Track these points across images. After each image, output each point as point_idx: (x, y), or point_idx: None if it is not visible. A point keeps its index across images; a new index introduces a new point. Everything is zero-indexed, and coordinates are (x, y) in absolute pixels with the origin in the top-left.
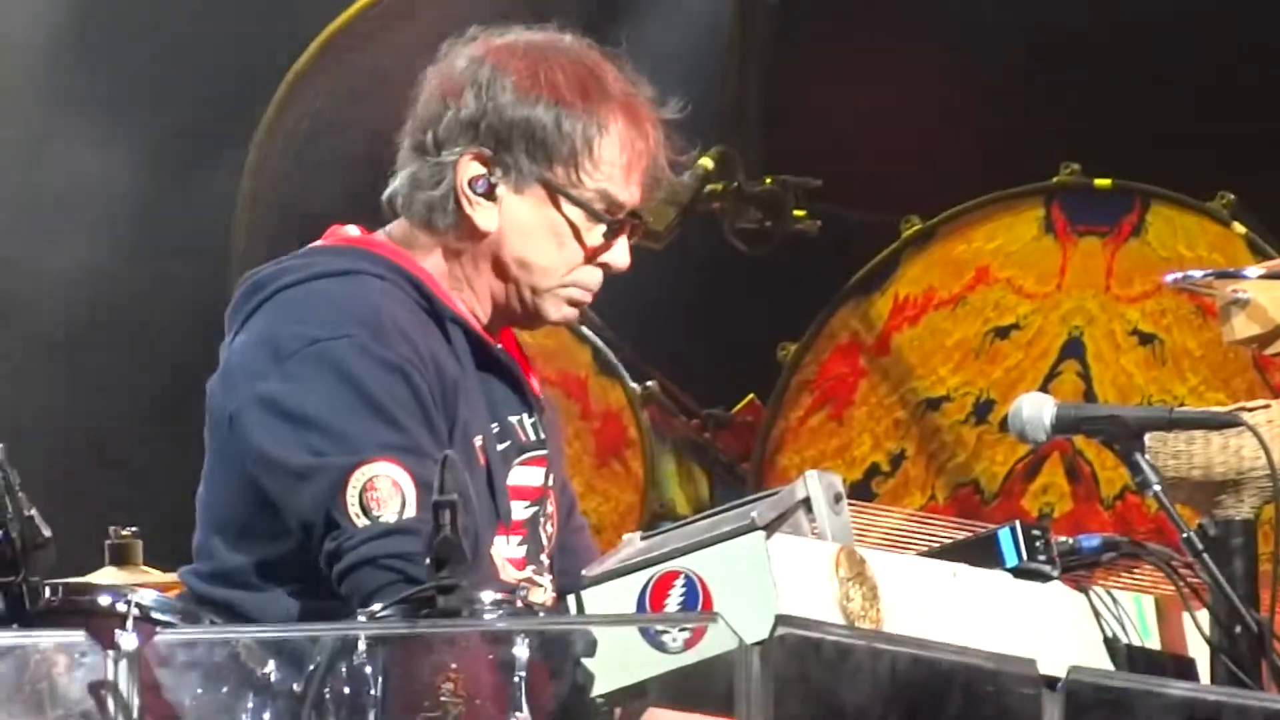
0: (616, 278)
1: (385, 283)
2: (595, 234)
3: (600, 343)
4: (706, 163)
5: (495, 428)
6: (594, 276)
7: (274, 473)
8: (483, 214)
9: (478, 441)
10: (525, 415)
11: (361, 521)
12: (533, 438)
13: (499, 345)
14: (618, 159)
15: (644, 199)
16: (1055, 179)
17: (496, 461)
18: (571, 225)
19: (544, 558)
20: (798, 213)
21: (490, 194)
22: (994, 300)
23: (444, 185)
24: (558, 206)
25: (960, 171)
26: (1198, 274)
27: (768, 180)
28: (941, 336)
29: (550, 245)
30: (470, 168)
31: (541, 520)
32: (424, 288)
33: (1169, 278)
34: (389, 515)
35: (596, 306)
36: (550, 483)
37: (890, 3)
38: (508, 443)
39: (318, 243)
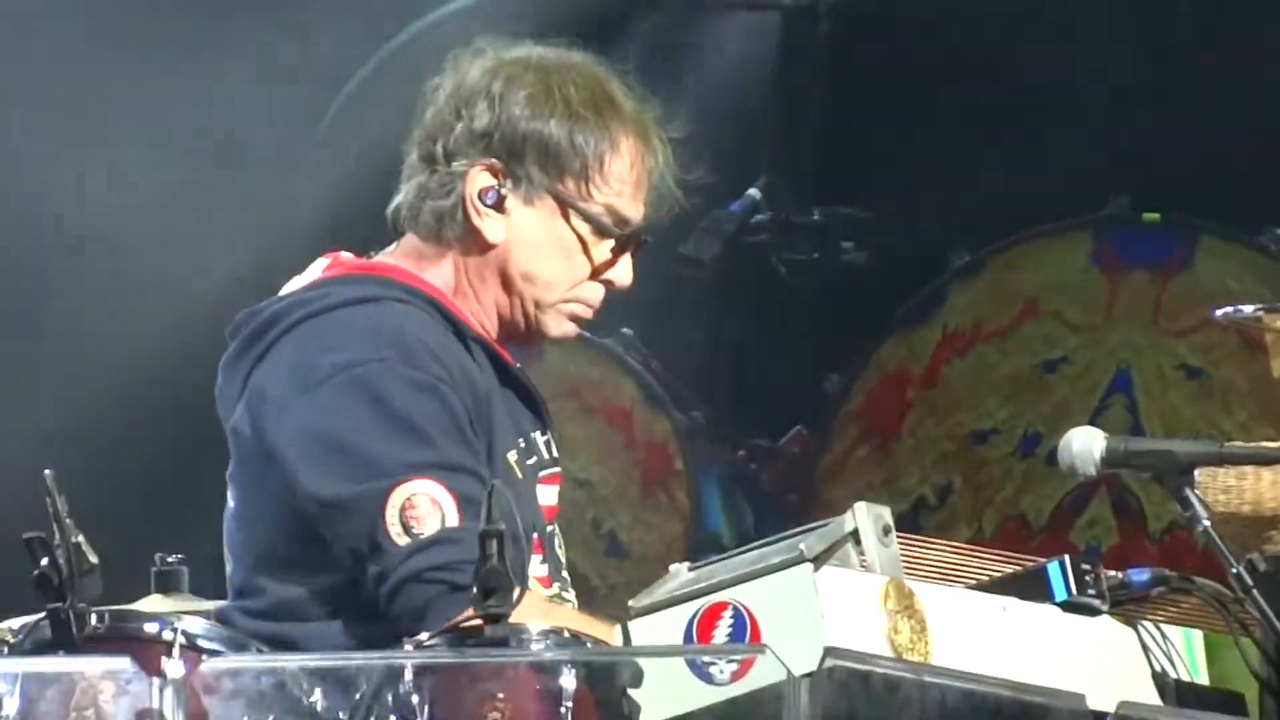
0: (666, 310)
1: (407, 305)
2: (602, 249)
3: (646, 373)
4: (755, 194)
5: (521, 443)
6: (597, 293)
7: (317, 506)
8: (491, 225)
9: (511, 457)
10: (541, 432)
11: (403, 540)
12: (549, 455)
13: (517, 364)
14: (627, 175)
15: (649, 216)
16: (1104, 212)
17: (528, 477)
18: (579, 239)
19: (564, 575)
20: (846, 244)
21: (499, 205)
22: (1042, 333)
23: (453, 195)
24: (567, 220)
25: (1009, 204)
26: (1247, 308)
27: (816, 212)
28: (989, 369)
29: (557, 259)
30: (480, 178)
31: (556, 539)
32: (443, 308)
33: (1218, 312)
34: (429, 531)
35: (642, 336)
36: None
37: (939, 37)
38: (533, 458)
39: (326, 273)
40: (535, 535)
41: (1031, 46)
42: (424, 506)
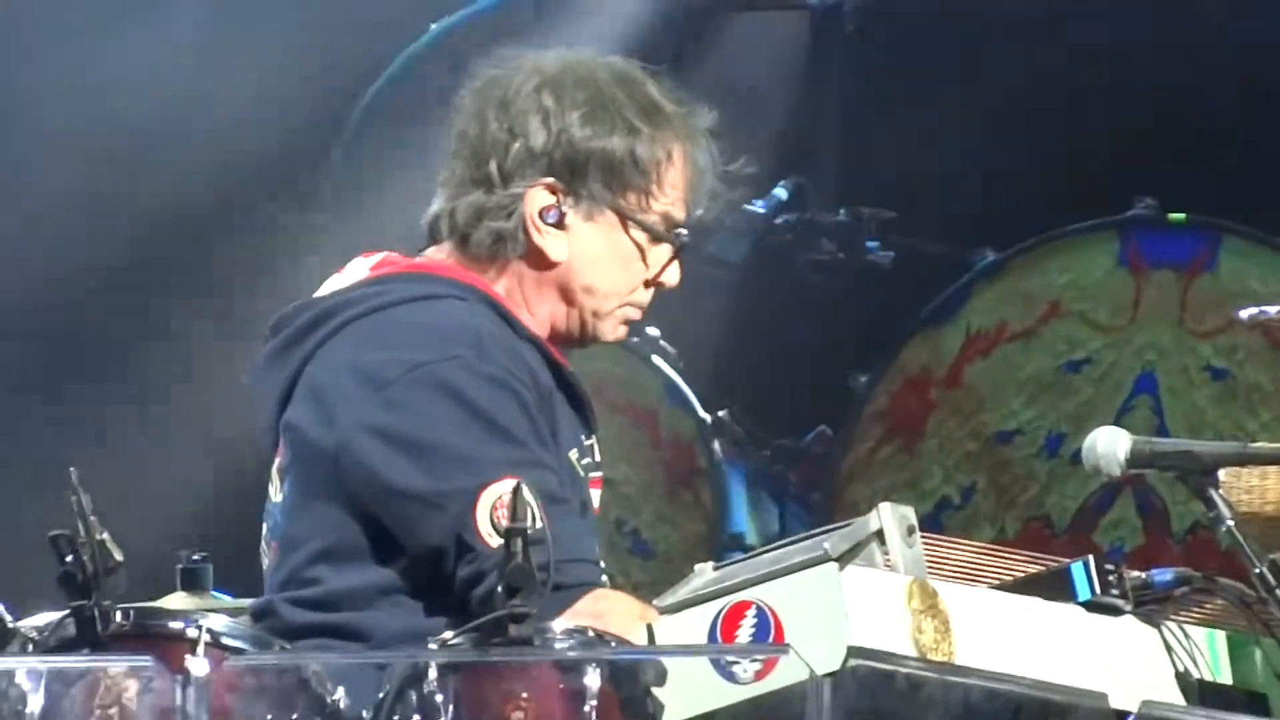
0: (691, 309)
1: (467, 303)
2: (657, 255)
3: (672, 373)
4: (780, 193)
5: (580, 443)
6: (647, 296)
7: (396, 502)
8: (553, 243)
9: (573, 455)
10: (587, 435)
11: (495, 541)
12: (598, 458)
13: (570, 367)
14: (680, 181)
15: (698, 215)
16: (1129, 213)
17: (585, 478)
18: (638, 248)
19: (604, 578)
20: (870, 244)
21: (560, 223)
22: (1066, 334)
23: (514, 217)
24: (626, 231)
25: (1034, 204)
26: (1271, 309)
27: (840, 212)
28: (1013, 369)
29: (617, 270)
30: (541, 198)
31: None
32: (501, 309)
33: (1243, 313)
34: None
35: (667, 335)
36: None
37: (965, 36)
38: (587, 459)
39: (376, 271)
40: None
41: (1057, 46)
42: (511, 506)
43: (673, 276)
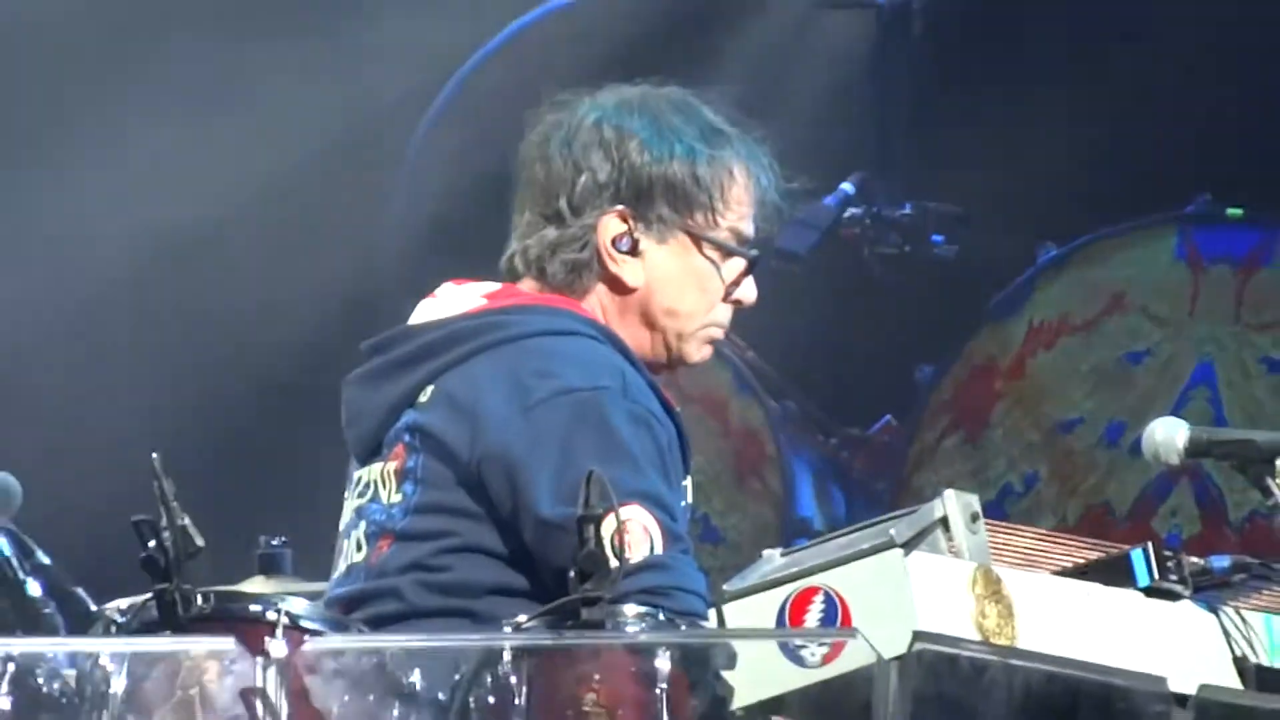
0: (761, 302)
1: (605, 345)
2: (731, 271)
3: (740, 363)
4: (847, 188)
5: (687, 483)
6: (728, 314)
7: (529, 520)
8: (629, 269)
9: (688, 488)
10: (688, 476)
11: (614, 563)
12: (690, 499)
13: (678, 408)
14: (744, 197)
15: (763, 230)
16: (1188, 208)
17: (689, 518)
18: (713, 266)
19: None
20: (935, 239)
21: (634, 250)
22: (1127, 326)
23: (588, 248)
24: (700, 250)
25: (1095, 200)
26: None
27: (907, 206)
28: (1075, 361)
29: (695, 290)
30: (613, 226)
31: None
32: (628, 351)
33: None
34: (638, 556)
35: (738, 326)
36: None
37: (1029, 35)
38: (684, 501)
39: (497, 301)
40: None
41: (1119, 44)
42: (636, 533)
43: (750, 292)
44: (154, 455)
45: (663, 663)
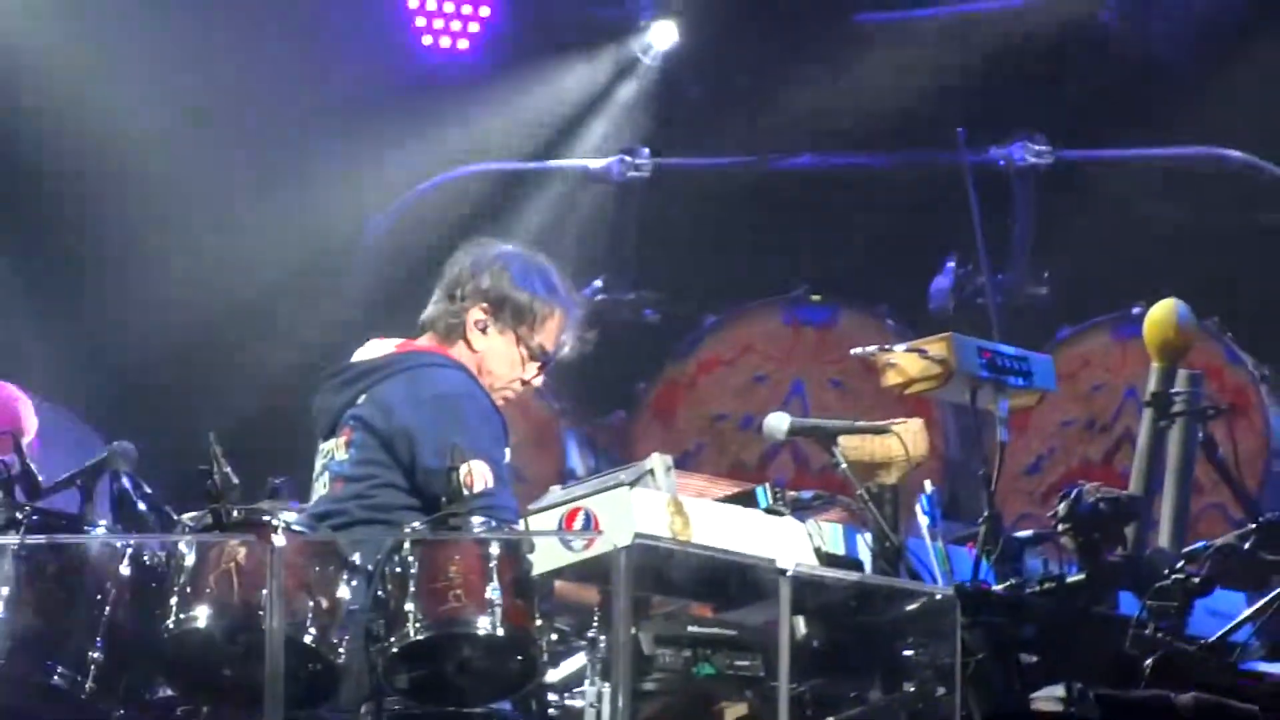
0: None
1: (464, 373)
2: (531, 368)
3: (540, 385)
4: (598, 284)
5: (508, 450)
6: (520, 387)
7: (420, 469)
8: (478, 340)
9: (508, 456)
10: (507, 445)
11: (466, 494)
12: (510, 458)
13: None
14: (554, 329)
15: (559, 351)
16: (792, 293)
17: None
18: (522, 358)
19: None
20: (648, 311)
21: (485, 330)
22: (755, 362)
23: (460, 320)
24: (518, 346)
25: (737, 286)
26: (872, 348)
27: (631, 293)
28: (725, 381)
29: (507, 366)
30: (477, 314)
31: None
32: (475, 378)
33: (852, 350)
34: (479, 489)
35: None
36: None
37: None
38: (507, 459)
39: (402, 349)
40: None
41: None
42: (478, 476)
43: (537, 380)
44: (210, 434)
45: (494, 549)
